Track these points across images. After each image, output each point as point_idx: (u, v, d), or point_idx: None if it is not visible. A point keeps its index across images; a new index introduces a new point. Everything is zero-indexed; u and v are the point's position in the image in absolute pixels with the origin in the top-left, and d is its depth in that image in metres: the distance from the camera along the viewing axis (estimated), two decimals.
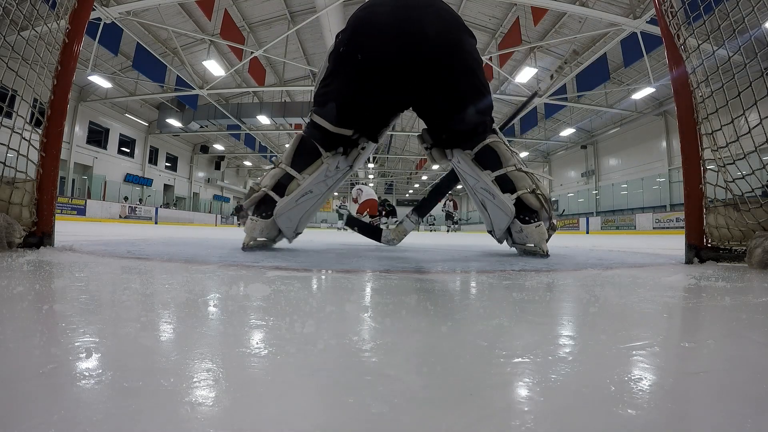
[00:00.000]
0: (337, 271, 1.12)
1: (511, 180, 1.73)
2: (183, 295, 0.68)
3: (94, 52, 11.14)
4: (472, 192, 1.94)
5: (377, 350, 0.41)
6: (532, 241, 1.71)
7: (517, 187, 1.71)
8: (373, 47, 1.60)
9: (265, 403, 0.28)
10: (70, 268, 1.01)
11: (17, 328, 0.46)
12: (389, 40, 1.57)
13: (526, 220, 1.70)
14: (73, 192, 17.06)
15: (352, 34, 1.63)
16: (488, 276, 1.10)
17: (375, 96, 1.73)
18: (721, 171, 1.47)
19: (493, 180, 1.73)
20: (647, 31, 9.38)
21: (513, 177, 1.73)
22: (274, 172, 1.77)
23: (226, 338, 0.45)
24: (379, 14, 1.61)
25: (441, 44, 1.59)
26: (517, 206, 1.70)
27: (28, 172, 1.48)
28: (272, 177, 1.76)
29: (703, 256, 1.53)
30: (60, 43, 1.56)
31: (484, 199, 1.83)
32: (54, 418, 0.25)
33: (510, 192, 1.71)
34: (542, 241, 1.69)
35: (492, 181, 1.73)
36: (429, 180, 34.53)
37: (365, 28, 1.62)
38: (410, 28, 1.56)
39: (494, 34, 12.94)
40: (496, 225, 1.84)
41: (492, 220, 1.87)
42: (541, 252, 1.69)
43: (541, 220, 1.71)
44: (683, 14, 1.61)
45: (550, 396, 0.30)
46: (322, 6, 9.48)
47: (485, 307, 0.69)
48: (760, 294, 0.82)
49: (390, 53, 1.58)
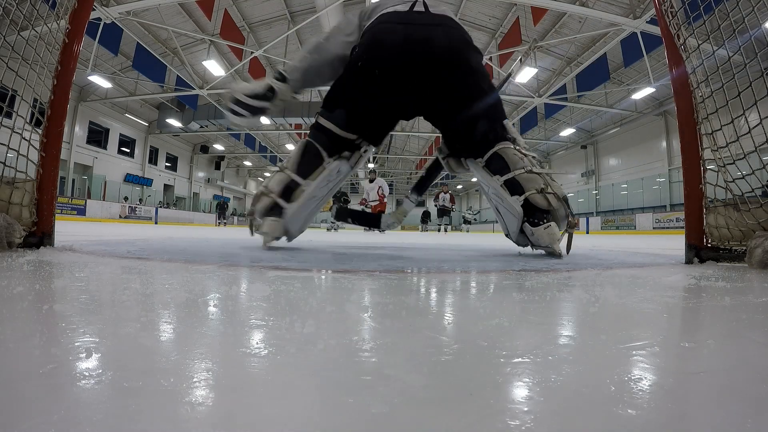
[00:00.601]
0: (337, 271, 1.12)
1: (519, 183, 1.76)
2: (183, 295, 0.68)
3: (94, 52, 11.15)
4: (489, 198, 2.01)
5: (377, 350, 0.41)
6: (544, 243, 1.71)
7: (526, 188, 1.74)
8: (388, 63, 1.74)
9: (265, 403, 0.28)
10: (70, 268, 1.01)
11: (17, 328, 0.46)
12: (403, 57, 1.72)
13: (534, 222, 1.72)
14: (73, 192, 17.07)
15: (370, 50, 1.78)
16: (488, 276, 1.10)
17: (386, 106, 1.87)
18: (721, 171, 1.47)
19: (501, 184, 1.78)
20: (647, 31, 9.39)
21: (522, 179, 1.76)
22: (280, 177, 1.83)
23: (226, 338, 0.45)
24: (395, 32, 1.74)
25: (449, 61, 1.75)
26: (526, 208, 1.72)
27: (28, 172, 1.48)
28: (279, 183, 1.81)
29: (703, 256, 1.53)
30: (60, 43, 1.56)
31: (497, 204, 1.89)
32: (54, 418, 0.25)
33: (519, 194, 1.74)
34: (554, 242, 1.68)
35: (501, 186, 1.78)
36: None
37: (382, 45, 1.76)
38: (421, 47, 1.71)
39: (494, 34, 12.95)
40: (510, 228, 1.88)
41: (506, 223, 1.92)
42: (556, 253, 1.68)
43: (552, 220, 1.72)
44: (683, 14, 1.61)
45: (550, 396, 0.30)
46: (322, 6, 9.49)
47: (485, 306, 0.69)
48: (760, 294, 0.82)
49: (403, 69, 1.73)
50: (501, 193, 1.77)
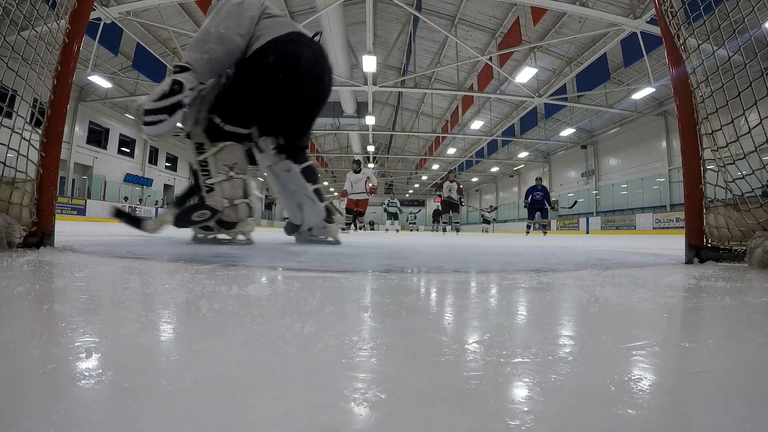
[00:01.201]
0: (338, 270, 1.12)
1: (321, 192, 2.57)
2: (183, 295, 0.68)
3: (94, 52, 11.14)
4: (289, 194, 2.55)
5: (377, 350, 0.41)
6: (332, 236, 2.64)
7: (323, 198, 2.56)
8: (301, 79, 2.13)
9: (265, 403, 0.28)
10: (70, 268, 1.01)
11: (17, 328, 0.46)
12: (309, 78, 2.17)
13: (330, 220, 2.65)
14: (73, 192, 17.06)
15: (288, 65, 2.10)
16: (488, 276, 1.10)
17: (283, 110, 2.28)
18: (721, 171, 1.47)
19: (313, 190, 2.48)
20: (647, 31, 9.38)
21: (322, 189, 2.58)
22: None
23: (226, 338, 0.45)
24: (308, 56, 2.12)
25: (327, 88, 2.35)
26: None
27: (28, 172, 1.48)
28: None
29: (703, 256, 1.53)
30: (60, 43, 1.56)
31: (302, 202, 2.52)
32: (54, 418, 0.25)
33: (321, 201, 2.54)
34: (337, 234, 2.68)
35: (313, 191, 2.48)
36: (429, 180, 34.54)
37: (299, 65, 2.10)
38: (319, 73, 2.23)
39: (494, 34, 12.95)
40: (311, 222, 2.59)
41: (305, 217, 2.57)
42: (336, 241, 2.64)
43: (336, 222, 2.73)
44: (683, 14, 1.61)
45: (550, 396, 0.30)
46: (322, 6, 9.49)
47: (485, 306, 0.69)
48: (760, 294, 0.82)
49: (307, 87, 2.20)
50: (313, 197, 2.48)
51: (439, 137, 21.78)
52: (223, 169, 2.09)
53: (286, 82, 2.09)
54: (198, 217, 2.05)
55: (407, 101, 20.01)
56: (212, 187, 2.07)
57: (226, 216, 2.09)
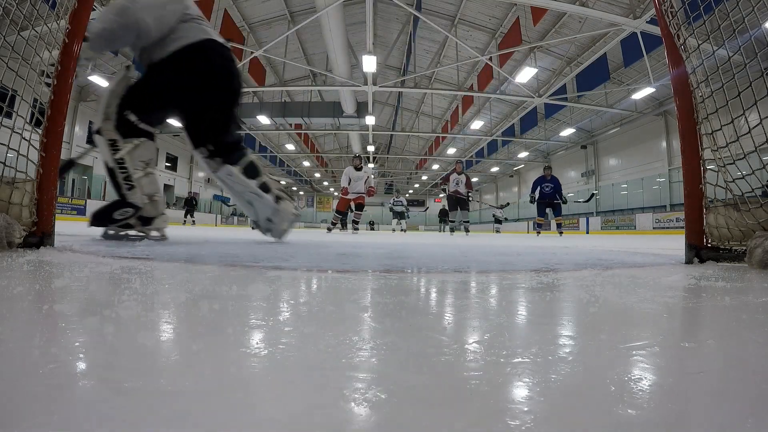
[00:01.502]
0: (338, 270, 1.12)
1: (268, 185, 2.63)
2: (183, 295, 0.68)
3: None
4: (238, 195, 2.66)
5: (377, 350, 0.41)
6: (286, 221, 2.71)
7: (269, 189, 2.62)
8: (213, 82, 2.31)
9: (265, 402, 0.28)
10: (70, 268, 1.01)
11: (17, 328, 0.46)
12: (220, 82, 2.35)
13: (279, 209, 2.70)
14: (73, 192, 17.07)
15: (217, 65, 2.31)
16: (487, 276, 1.10)
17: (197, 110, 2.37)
18: (721, 171, 1.47)
19: (258, 186, 2.56)
20: (647, 31, 9.38)
21: (269, 183, 2.66)
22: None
23: (226, 338, 0.45)
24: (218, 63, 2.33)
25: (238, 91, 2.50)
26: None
27: (28, 172, 1.48)
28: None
29: (703, 256, 1.53)
30: (60, 43, 1.56)
31: (251, 200, 2.62)
32: (54, 418, 0.25)
33: (266, 192, 2.59)
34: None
35: (257, 187, 2.56)
36: (429, 180, 34.53)
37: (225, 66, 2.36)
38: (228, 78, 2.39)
39: (494, 34, 12.95)
40: (261, 216, 2.68)
41: (257, 213, 2.69)
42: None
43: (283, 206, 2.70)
44: (683, 14, 1.61)
45: (550, 396, 0.30)
46: (322, 6, 9.48)
47: (485, 306, 0.69)
48: (760, 294, 0.82)
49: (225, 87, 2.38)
50: (259, 192, 2.56)
51: (439, 137, 21.78)
52: (140, 165, 2.13)
53: (199, 85, 2.24)
54: (121, 215, 2.08)
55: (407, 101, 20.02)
56: (133, 184, 2.09)
57: (146, 212, 2.13)
